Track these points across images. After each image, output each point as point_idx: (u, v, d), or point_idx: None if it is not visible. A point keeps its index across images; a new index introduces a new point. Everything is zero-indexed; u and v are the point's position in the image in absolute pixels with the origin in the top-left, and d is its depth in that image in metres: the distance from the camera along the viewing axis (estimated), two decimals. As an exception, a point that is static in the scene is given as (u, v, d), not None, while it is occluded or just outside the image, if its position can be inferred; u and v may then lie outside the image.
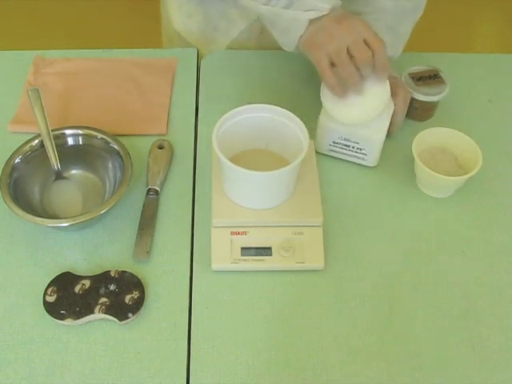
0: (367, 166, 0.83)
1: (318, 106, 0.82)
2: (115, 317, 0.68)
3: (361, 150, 0.81)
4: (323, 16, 0.75)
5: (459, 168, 0.80)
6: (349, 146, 0.82)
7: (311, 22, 0.75)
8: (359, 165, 0.84)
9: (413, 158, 0.79)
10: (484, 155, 0.77)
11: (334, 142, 0.82)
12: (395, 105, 0.81)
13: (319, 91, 0.80)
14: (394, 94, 0.80)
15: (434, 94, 0.86)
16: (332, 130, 0.81)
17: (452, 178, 0.77)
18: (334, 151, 0.84)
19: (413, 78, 0.87)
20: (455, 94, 0.90)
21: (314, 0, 0.74)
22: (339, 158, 0.84)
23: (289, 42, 0.79)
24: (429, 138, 0.81)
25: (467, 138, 0.80)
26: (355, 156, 0.83)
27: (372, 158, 0.82)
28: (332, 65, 0.75)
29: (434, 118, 0.91)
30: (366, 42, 0.73)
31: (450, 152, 0.82)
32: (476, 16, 2.47)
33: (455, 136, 0.81)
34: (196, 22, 1.00)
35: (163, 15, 1.07)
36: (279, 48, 0.81)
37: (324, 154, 0.84)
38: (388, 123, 0.80)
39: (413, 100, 0.87)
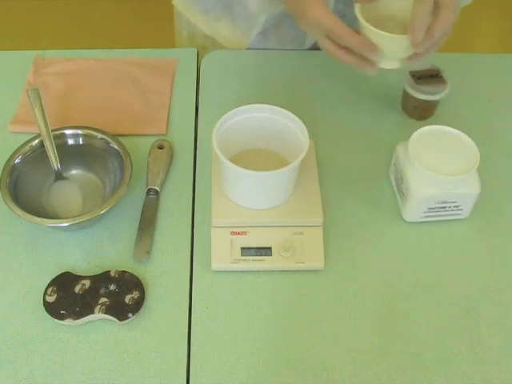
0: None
1: (317, 106, 0.82)
2: (115, 317, 0.68)
3: (457, 207, 0.77)
4: None
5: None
6: (445, 208, 0.77)
7: None
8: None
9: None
10: (484, 155, 0.77)
11: (430, 209, 0.77)
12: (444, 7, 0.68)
13: (319, 91, 0.79)
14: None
15: (434, 93, 0.86)
16: (429, 197, 0.75)
17: (399, 36, 0.69)
18: (428, 217, 0.78)
19: (413, 76, 0.87)
20: (455, 94, 0.90)
21: None
22: (431, 221, 0.79)
23: None
24: (376, 6, 0.73)
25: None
26: (450, 214, 0.78)
27: (467, 211, 0.78)
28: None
29: (434, 117, 0.91)
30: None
31: (401, 20, 0.74)
32: (476, 16, 2.47)
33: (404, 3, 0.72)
34: (225, 25, 0.99)
35: (185, 28, 1.06)
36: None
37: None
38: (477, 176, 0.76)
39: (413, 98, 0.87)
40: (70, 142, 0.81)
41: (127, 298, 0.69)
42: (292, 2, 0.74)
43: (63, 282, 0.70)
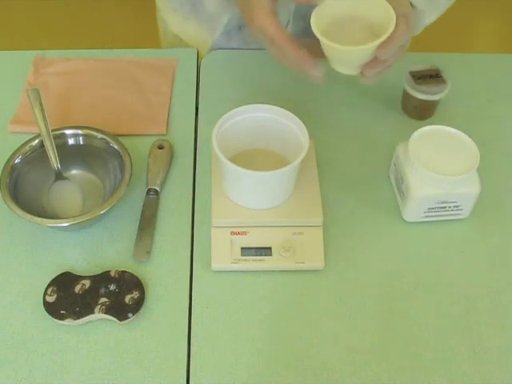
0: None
1: (317, 106, 0.82)
2: (115, 317, 0.68)
3: (457, 207, 0.77)
4: None
5: (376, 37, 0.68)
6: (445, 208, 0.77)
7: None
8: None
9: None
10: (484, 155, 0.77)
11: (430, 209, 0.77)
12: (396, 25, 0.68)
13: (319, 91, 0.79)
14: (396, 13, 0.68)
15: (434, 93, 0.86)
16: (429, 197, 0.74)
17: (355, 48, 0.66)
18: (428, 217, 0.78)
19: (413, 76, 0.87)
20: (455, 94, 0.90)
21: None
22: (431, 221, 0.79)
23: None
24: (335, 6, 0.69)
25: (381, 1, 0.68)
26: (450, 214, 0.78)
27: (467, 211, 0.78)
28: None
29: (433, 117, 0.91)
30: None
31: (364, 20, 0.71)
32: (476, 16, 2.47)
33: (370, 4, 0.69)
34: (193, 25, 1.00)
35: (160, 24, 1.07)
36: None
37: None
38: (477, 176, 0.75)
39: (413, 98, 0.87)
40: (70, 141, 0.81)
41: (127, 298, 0.69)
42: (242, 7, 0.74)
43: (63, 282, 0.70)
